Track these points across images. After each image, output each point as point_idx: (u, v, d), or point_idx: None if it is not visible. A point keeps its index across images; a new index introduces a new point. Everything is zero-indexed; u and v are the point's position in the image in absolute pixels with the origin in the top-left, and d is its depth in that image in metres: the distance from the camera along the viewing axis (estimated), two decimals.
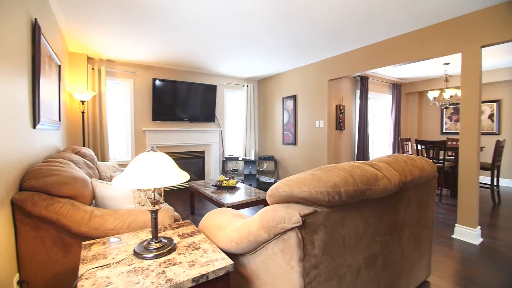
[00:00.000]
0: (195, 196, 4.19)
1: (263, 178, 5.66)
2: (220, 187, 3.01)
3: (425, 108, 6.35)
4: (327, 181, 1.05)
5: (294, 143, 4.81)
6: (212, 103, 5.04)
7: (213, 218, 1.43)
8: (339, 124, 4.70)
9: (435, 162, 4.03)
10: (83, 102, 3.56)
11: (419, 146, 4.21)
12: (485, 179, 5.14)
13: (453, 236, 2.65)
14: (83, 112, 3.62)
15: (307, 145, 4.56)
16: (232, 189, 2.96)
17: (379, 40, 3.31)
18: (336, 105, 4.66)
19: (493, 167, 3.81)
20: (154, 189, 1.12)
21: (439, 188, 4.14)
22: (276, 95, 5.28)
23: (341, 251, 1.15)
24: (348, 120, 4.90)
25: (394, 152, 5.64)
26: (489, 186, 3.89)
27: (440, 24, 2.76)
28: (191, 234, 1.31)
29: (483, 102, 5.36)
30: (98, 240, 1.26)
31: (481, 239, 2.57)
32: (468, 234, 2.55)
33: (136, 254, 1.08)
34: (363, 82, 4.91)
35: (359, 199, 1.15)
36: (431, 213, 1.82)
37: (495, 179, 3.89)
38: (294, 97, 4.80)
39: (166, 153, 4.68)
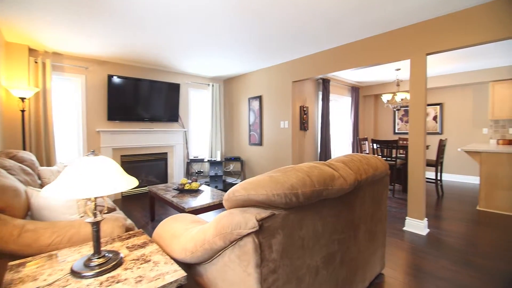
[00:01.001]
0: (156, 201, 3.97)
1: (230, 179, 5.58)
2: (182, 191, 2.88)
3: (380, 110, 6.84)
4: (284, 183, 1.04)
5: (260, 143, 4.82)
6: (176, 102, 4.82)
7: (167, 226, 1.33)
8: (303, 125, 4.83)
9: (388, 160, 4.35)
10: (23, 99, 3.15)
11: (374, 145, 4.50)
12: (431, 174, 5.70)
13: (404, 228, 2.87)
14: (23, 111, 3.20)
15: (272, 145, 4.60)
16: (195, 192, 2.85)
17: (339, 44, 3.46)
18: (300, 106, 4.78)
19: (437, 164, 4.23)
20: (95, 198, 1.00)
21: (392, 184, 4.47)
22: (242, 96, 5.25)
23: (300, 253, 1.14)
24: (311, 121, 5.06)
25: (353, 151, 5.98)
26: (434, 181, 4.31)
27: (392, 32, 2.97)
28: (142, 245, 1.21)
29: (429, 105, 5.93)
30: (29, 258, 1.09)
31: (428, 230, 2.82)
32: (417, 226, 2.78)
33: (73, 273, 0.95)
34: (325, 85, 5.11)
35: (316, 200, 1.16)
36: (384, 209, 1.94)
37: (439, 174, 4.33)
38: (259, 98, 4.81)
39: (125, 155, 4.36)
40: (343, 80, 5.86)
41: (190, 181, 3.03)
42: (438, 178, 4.34)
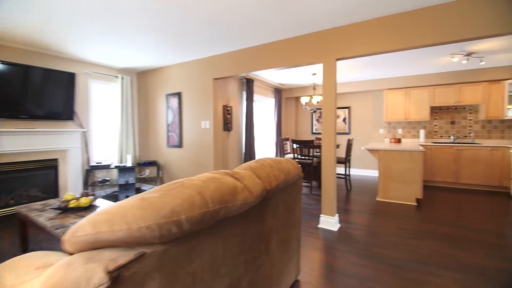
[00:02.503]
0: (30, 224, 3.06)
1: (146, 187, 4.91)
2: (65, 210, 2.23)
3: (300, 112, 7.28)
4: (160, 208, 0.75)
5: (180, 145, 4.37)
6: (70, 96, 3.88)
7: None
8: (227, 125, 4.62)
9: (306, 159, 4.57)
10: None
11: (294, 145, 4.67)
12: (342, 170, 6.37)
13: (319, 225, 2.98)
14: None
15: (193, 147, 4.22)
16: (84, 210, 2.25)
17: (260, 43, 3.37)
18: (223, 106, 4.56)
19: (346, 161, 4.68)
20: None
21: (310, 181, 4.73)
22: (159, 92, 4.67)
23: None
24: (235, 121, 4.90)
25: (277, 151, 6.14)
26: (343, 176, 4.76)
27: (309, 36, 3.04)
28: None
29: (339, 108, 6.62)
30: None
31: (339, 225, 3.00)
32: (329, 222, 2.91)
33: None
34: (249, 85, 5.04)
35: (211, 222, 0.91)
36: (298, 213, 1.87)
37: (347, 170, 4.81)
38: (178, 95, 4.36)
39: None
40: (267, 81, 5.94)
41: (79, 196, 2.39)
42: (347, 173, 4.81)
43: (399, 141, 5.49)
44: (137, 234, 0.69)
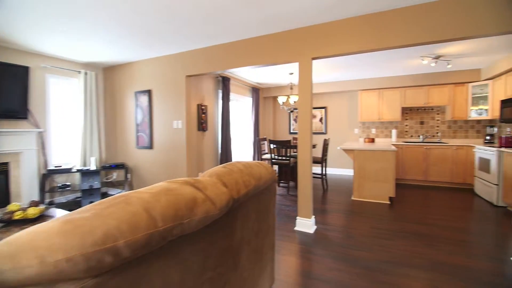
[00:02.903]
0: None
1: (113, 191, 4.58)
2: (9, 223, 1.94)
3: (278, 111, 7.24)
4: (89, 232, 0.59)
5: (150, 146, 4.11)
6: (22, 92, 3.48)
7: None
8: (201, 125, 4.43)
9: (283, 159, 4.51)
10: None
11: (272, 145, 4.59)
12: (319, 170, 6.42)
13: (296, 228, 2.91)
14: None
15: (165, 148, 3.99)
16: (32, 222, 1.98)
17: (235, 39, 3.23)
18: (198, 105, 4.37)
19: (322, 160, 4.69)
20: None
21: (287, 182, 4.69)
22: (128, 89, 4.36)
23: None
24: (211, 120, 4.72)
25: (254, 151, 6.04)
26: (320, 176, 4.77)
27: (284, 33, 2.95)
28: None
29: (316, 108, 6.67)
30: None
31: (315, 227, 2.96)
32: (306, 225, 2.86)
33: None
34: (225, 83, 4.88)
35: (162, 244, 0.77)
36: (272, 220, 1.77)
37: (324, 170, 4.82)
38: (148, 92, 4.09)
39: None
40: (244, 80, 5.81)
41: (27, 205, 2.11)
42: (324, 173, 4.83)
43: (373, 140, 5.63)
44: (53, 270, 0.54)
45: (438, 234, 2.75)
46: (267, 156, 5.09)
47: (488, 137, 4.76)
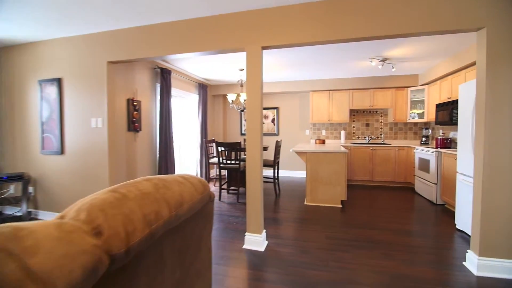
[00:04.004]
0: None
1: (9, 211, 3.48)
2: None
3: (228, 111, 6.76)
4: None
5: (61, 151, 3.20)
6: None
7: None
8: (133, 124, 3.68)
9: (232, 163, 4.05)
10: None
11: (220, 148, 4.09)
12: (270, 172, 6.15)
13: (244, 246, 2.47)
14: None
15: (80, 153, 3.14)
16: None
17: (170, 19, 2.64)
18: (128, 100, 3.61)
19: (275, 163, 4.37)
20: None
21: (237, 188, 4.24)
22: (30, 76, 3.35)
23: None
24: (146, 119, 3.99)
25: (202, 154, 5.45)
26: (272, 180, 4.45)
27: (229, 16, 2.49)
28: None
29: (268, 108, 6.40)
30: None
31: (266, 242, 2.56)
32: (255, 242, 2.44)
33: None
34: (164, 76, 4.19)
35: None
36: (206, 255, 1.28)
37: (276, 173, 4.52)
38: (58, 81, 3.18)
39: None
40: (189, 74, 5.18)
41: None
42: (276, 177, 4.53)
43: (323, 142, 5.58)
44: None
45: (392, 240, 2.63)
46: (215, 160, 4.57)
47: (424, 139, 5.08)
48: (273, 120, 6.41)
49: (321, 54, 3.78)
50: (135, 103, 3.71)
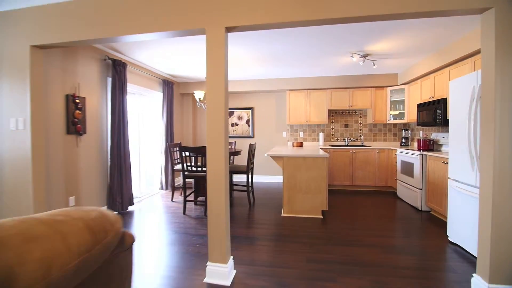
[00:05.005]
0: None
1: None
2: None
3: (199, 111, 6.18)
4: None
5: None
6: None
7: None
8: (75, 126, 3.01)
9: (198, 171, 3.51)
10: None
11: (184, 153, 3.52)
12: (244, 179, 5.65)
13: (205, 280, 1.95)
14: None
15: None
16: None
17: None
18: (68, 96, 2.94)
19: (248, 169, 3.89)
20: None
21: (203, 201, 3.69)
22: None
23: None
24: (93, 120, 3.32)
25: (167, 160, 4.82)
26: (246, 188, 3.96)
27: None
28: None
29: (242, 108, 5.91)
30: None
31: (234, 272, 2.06)
32: (220, 273, 1.92)
33: None
34: (117, 69, 3.54)
35: None
36: None
37: (250, 179, 4.03)
38: None
39: None
40: (150, 69, 4.55)
41: None
42: (250, 184, 4.05)
43: (301, 144, 5.21)
44: None
45: (382, 261, 2.25)
46: (179, 166, 3.98)
47: (403, 140, 4.89)
48: (247, 122, 5.93)
49: (298, 46, 3.38)
50: (77, 100, 3.04)
